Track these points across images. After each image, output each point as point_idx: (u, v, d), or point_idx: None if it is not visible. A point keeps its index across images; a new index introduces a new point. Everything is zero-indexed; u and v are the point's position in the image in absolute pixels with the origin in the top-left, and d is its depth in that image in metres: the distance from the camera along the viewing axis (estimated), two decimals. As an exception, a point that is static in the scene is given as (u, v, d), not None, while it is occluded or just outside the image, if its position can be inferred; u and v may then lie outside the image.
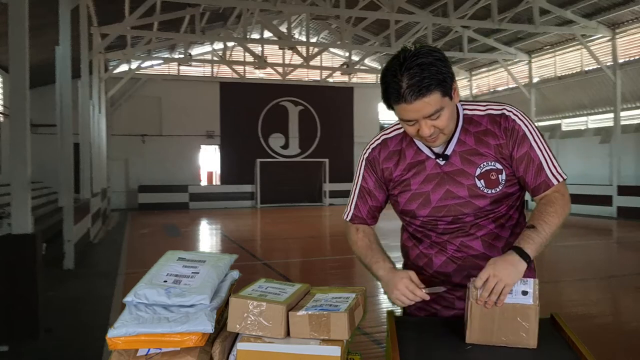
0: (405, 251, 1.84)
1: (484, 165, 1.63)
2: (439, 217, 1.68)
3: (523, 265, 1.46)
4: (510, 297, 1.42)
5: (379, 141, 1.77)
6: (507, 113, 1.64)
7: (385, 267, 1.65)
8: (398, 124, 1.73)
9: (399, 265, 1.87)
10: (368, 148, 1.79)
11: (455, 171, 1.64)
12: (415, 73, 1.45)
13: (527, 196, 1.77)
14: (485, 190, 1.63)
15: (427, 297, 1.56)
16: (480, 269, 1.48)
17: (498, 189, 1.63)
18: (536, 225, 1.54)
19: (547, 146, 1.65)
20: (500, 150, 1.63)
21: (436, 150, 1.66)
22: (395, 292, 1.57)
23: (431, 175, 1.67)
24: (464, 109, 1.67)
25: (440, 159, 1.66)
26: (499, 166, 1.63)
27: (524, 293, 1.41)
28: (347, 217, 1.85)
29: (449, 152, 1.65)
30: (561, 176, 1.63)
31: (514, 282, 1.43)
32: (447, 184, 1.65)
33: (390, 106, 1.55)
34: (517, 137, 1.62)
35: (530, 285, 1.42)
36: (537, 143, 1.62)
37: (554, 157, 1.65)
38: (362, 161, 1.80)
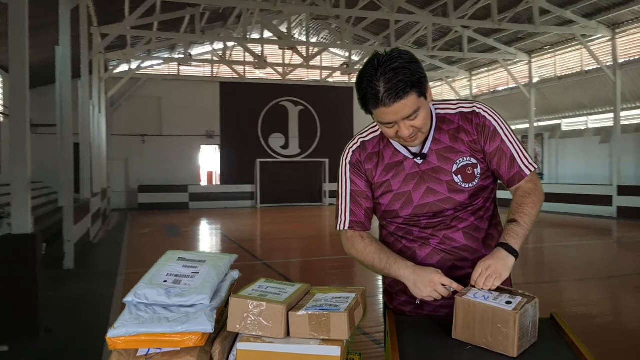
0: (387, 247, 1.84)
1: (460, 161, 1.69)
2: (421, 214, 1.72)
3: (511, 260, 1.56)
4: (494, 303, 1.43)
5: (357, 144, 1.79)
6: (477, 110, 1.71)
7: (408, 266, 1.64)
8: (373, 125, 1.78)
9: None
10: (348, 152, 1.80)
11: (433, 169, 1.70)
12: (391, 77, 1.49)
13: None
14: (463, 185, 1.69)
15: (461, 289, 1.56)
16: (464, 260, 1.68)
17: (474, 183, 1.70)
18: (517, 219, 1.62)
19: (517, 140, 1.73)
20: (473, 145, 1.70)
21: (413, 150, 1.71)
22: (429, 289, 1.57)
23: (410, 175, 1.71)
24: (436, 109, 1.73)
25: (418, 158, 1.70)
26: (474, 161, 1.70)
27: (508, 303, 1.42)
28: (344, 227, 1.78)
29: (425, 150, 1.70)
30: (532, 166, 1.72)
31: (505, 272, 1.53)
32: (427, 182, 1.70)
33: (368, 111, 1.59)
34: (489, 132, 1.69)
35: (517, 300, 1.43)
36: (507, 137, 1.70)
37: (525, 150, 1.73)
38: (344, 166, 1.80)
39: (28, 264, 4.54)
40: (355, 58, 20.36)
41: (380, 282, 1.88)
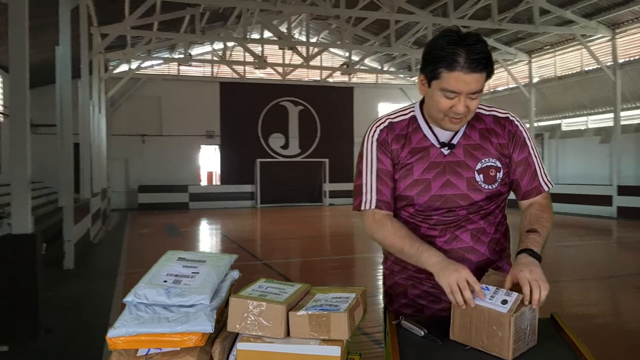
0: None
1: (485, 160, 1.70)
2: (434, 207, 1.71)
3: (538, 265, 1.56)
4: (489, 303, 1.42)
5: (385, 124, 1.76)
6: (511, 118, 1.76)
7: (438, 255, 1.59)
8: (403, 109, 1.78)
9: (380, 258, 1.87)
10: (374, 130, 1.75)
11: (457, 162, 1.69)
12: (477, 49, 1.53)
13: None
14: (482, 185, 1.69)
15: (474, 302, 1.44)
16: (467, 262, 1.64)
17: (494, 186, 1.70)
18: (538, 230, 1.65)
19: (540, 155, 1.78)
20: (501, 149, 1.72)
21: (442, 139, 1.70)
22: (455, 275, 1.47)
23: (434, 164, 1.70)
24: None
25: (446, 148, 1.70)
26: (498, 164, 1.71)
27: (504, 302, 1.41)
28: (369, 206, 1.71)
29: (454, 141, 1.70)
30: (551, 184, 1.78)
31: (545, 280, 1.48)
32: (448, 173, 1.69)
33: (434, 75, 1.57)
34: (519, 142, 1.74)
35: (513, 298, 1.41)
36: (533, 151, 1.76)
37: (544, 167, 1.78)
38: (371, 143, 1.74)
39: (28, 264, 4.54)
40: (355, 58, 20.36)
41: (380, 282, 1.88)
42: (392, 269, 1.87)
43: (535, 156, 1.74)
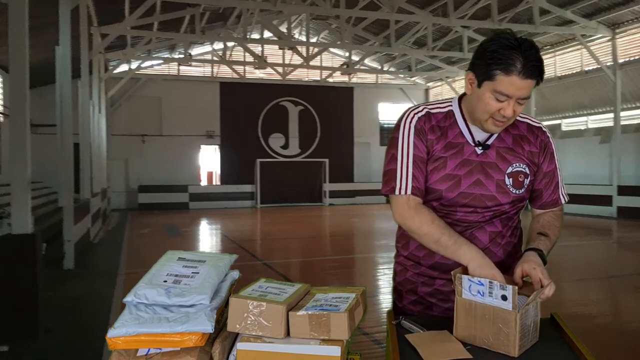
0: (405, 242, 1.84)
1: (516, 165, 1.73)
2: (461, 204, 1.71)
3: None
4: (491, 300, 1.42)
5: (422, 112, 1.75)
6: (544, 129, 1.81)
7: (477, 250, 1.62)
8: (441, 102, 1.79)
9: (391, 255, 1.88)
10: (413, 117, 1.74)
11: (489, 163, 1.71)
12: (534, 56, 1.54)
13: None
14: (511, 189, 1.72)
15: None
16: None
17: (521, 191, 1.74)
18: (550, 235, 1.74)
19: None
20: (531, 157, 1.75)
21: (477, 138, 1.71)
22: (493, 272, 1.53)
23: (466, 161, 1.71)
24: None
25: (480, 147, 1.71)
26: (527, 171, 1.74)
27: (504, 298, 1.40)
28: (404, 191, 1.69)
29: (489, 142, 1.72)
30: (567, 197, 1.85)
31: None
32: (479, 173, 1.70)
33: (488, 76, 1.57)
34: (548, 153, 1.79)
35: (509, 291, 1.40)
36: (558, 165, 1.83)
37: (563, 180, 1.85)
38: (408, 129, 1.72)
39: (28, 264, 4.54)
40: (355, 58, 20.36)
41: (380, 282, 1.88)
42: (405, 265, 1.87)
43: (559, 169, 1.81)
